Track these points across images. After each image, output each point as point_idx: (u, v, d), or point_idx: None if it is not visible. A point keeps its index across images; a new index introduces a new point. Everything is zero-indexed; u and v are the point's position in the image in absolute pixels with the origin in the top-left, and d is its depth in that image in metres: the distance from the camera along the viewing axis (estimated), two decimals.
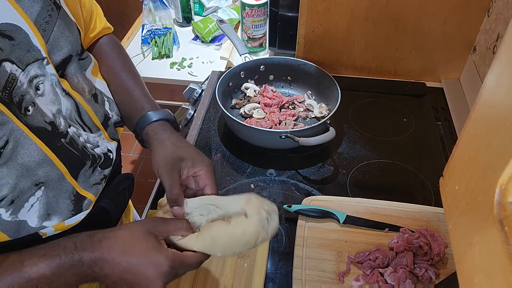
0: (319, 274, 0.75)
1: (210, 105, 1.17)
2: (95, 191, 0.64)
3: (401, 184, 0.96)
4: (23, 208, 0.54)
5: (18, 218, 0.53)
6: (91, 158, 0.63)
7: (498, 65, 0.44)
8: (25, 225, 0.54)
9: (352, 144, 1.05)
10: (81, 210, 0.62)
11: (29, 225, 0.55)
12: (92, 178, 0.64)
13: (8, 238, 0.53)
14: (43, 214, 0.56)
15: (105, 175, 0.67)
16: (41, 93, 0.55)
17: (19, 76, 0.52)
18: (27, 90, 0.53)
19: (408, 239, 0.77)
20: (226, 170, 0.99)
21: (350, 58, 1.23)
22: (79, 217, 0.62)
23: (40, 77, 0.55)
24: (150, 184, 1.43)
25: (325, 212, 0.84)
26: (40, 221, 0.56)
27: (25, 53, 0.53)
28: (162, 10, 1.54)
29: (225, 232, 0.60)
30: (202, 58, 1.48)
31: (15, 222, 0.53)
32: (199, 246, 0.59)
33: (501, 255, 0.32)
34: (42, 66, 0.56)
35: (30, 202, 0.54)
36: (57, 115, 0.58)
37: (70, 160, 0.59)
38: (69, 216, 0.60)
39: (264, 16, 1.33)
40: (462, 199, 0.47)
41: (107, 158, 0.67)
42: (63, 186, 0.59)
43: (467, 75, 1.17)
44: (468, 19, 1.08)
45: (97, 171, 0.65)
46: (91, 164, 0.63)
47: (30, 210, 0.55)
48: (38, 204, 0.55)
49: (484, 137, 0.45)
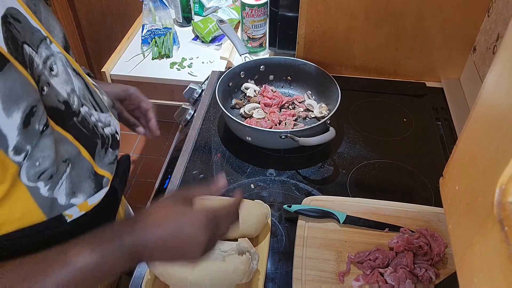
0: (319, 274, 0.75)
1: (210, 105, 1.17)
2: (111, 170, 0.67)
3: (401, 184, 0.96)
4: (57, 185, 0.55)
5: (52, 195, 0.55)
6: (101, 138, 0.65)
7: (498, 65, 0.45)
8: (56, 203, 0.56)
9: (352, 144, 1.05)
10: (101, 188, 0.64)
11: (59, 203, 0.56)
12: (106, 158, 0.66)
13: (44, 218, 0.54)
14: (69, 192, 0.58)
15: (116, 156, 0.70)
16: (55, 73, 0.57)
17: (35, 58, 0.53)
18: (43, 71, 0.54)
19: (408, 239, 0.77)
20: (226, 170, 0.99)
21: (350, 58, 1.23)
22: (100, 195, 0.63)
23: (51, 58, 0.57)
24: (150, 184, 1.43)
25: (325, 212, 0.84)
26: (68, 199, 0.57)
27: (32, 35, 0.54)
28: (162, 10, 1.54)
29: (219, 268, 0.69)
30: (202, 58, 1.48)
31: (50, 199, 0.55)
32: (193, 276, 0.67)
33: (501, 255, 0.32)
34: (48, 46, 0.57)
35: (62, 179, 0.56)
36: (71, 94, 0.59)
37: (83, 138, 0.60)
38: (92, 193, 0.62)
39: (264, 16, 1.33)
40: (462, 199, 0.47)
41: (115, 139, 0.70)
42: (83, 164, 0.60)
43: (467, 75, 1.17)
44: (468, 19, 1.08)
45: (109, 152, 0.67)
46: (102, 145, 0.65)
47: (61, 187, 0.56)
48: (66, 182, 0.57)
49: (484, 137, 0.45)
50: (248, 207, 0.79)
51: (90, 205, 0.62)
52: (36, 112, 0.50)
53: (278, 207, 0.90)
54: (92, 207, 0.62)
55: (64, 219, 0.58)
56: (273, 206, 0.90)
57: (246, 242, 0.73)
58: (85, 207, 0.61)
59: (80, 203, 0.60)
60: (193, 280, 0.68)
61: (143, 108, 0.83)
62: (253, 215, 0.78)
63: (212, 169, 1.00)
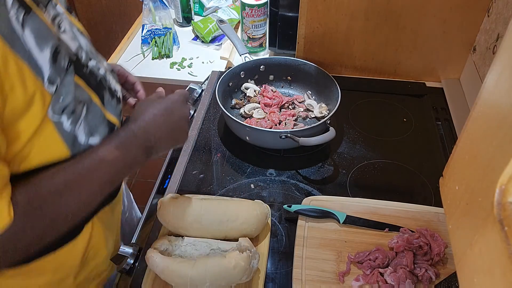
0: (319, 274, 0.75)
1: (210, 105, 1.17)
2: (118, 118, 0.72)
3: (401, 184, 0.96)
4: (78, 122, 0.61)
5: (74, 131, 0.60)
6: (108, 90, 0.70)
7: (498, 65, 0.45)
8: (77, 140, 0.61)
9: (352, 144, 1.05)
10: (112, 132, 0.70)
11: (80, 141, 0.62)
12: (117, 108, 0.72)
13: (68, 153, 0.60)
14: (88, 132, 0.63)
15: (120, 110, 0.75)
16: (63, 30, 0.62)
17: (45, 15, 0.58)
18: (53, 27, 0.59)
19: (408, 239, 0.77)
20: (226, 170, 0.99)
21: (350, 58, 1.23)
22: None
23: (58, 16, 0.61)
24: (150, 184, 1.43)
25: (325, 212, 0.84)
26: (87, 138, 0.63)
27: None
28: (162, 10, 1.54)
29: (219, 263, 0.69)
30: (202, 58, 1.48)
31: (73, 134, 0.60)
32: (194, 272, 0.68)
33: (501, 255, 0.32)
34: (54, 7, 0.61)
35: (81, 118, 0.61)
36: (79, 49, 0.64)
37: (93, 86, 0.66)
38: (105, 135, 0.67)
39: (264, 16, 1.33)
40: (462, 199, 0.47)
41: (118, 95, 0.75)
42: (96, 110, 0.65)
43: (467, 75, 1.17)
44: (468, 19, 1.08)
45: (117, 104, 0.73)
46: (110, 96, 0.70)
47: (81, 126, 0.61)
48: (84, 122, 0.62)
49: (484, 137, 0.45)
50: (248, 207, 0.79)
51: None
52: (60, 51, 0.56)
53: (278, 207, 0.90)
54: None
55: None
56: (273, 206, 0.90)
57: (246, 241, 0.73)
58: None
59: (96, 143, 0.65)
60: (194, 276, 0.68)
61: (130, 81, 0.88)
62: (253, 215, 0.78)
63: (212, 169, 1.00)
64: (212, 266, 0.69)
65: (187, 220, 0.77)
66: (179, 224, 0.78)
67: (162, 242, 0.75)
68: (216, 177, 0.97)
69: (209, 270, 0.69)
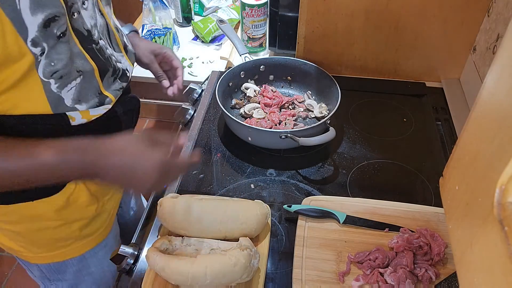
0: (319, 274, 0.75)
1: (210, 105, 1.17)
2: (115, 94, 0.77)
3: (401, 184, 0.96)
4: (66, 87, 0.66)
5: (60, 94, 0.66)
6: (113, 67, 0.76)
7: (498, 65, 0.45)
8: (63, 102, 0.67)
9: (352, 144, 1.05)
10: (103, 104, 0.74)
11: (65, 103, 0.67)
12: (113, 85, 0.77)
13: (50, 111, 0.66)
14: (76, 98, 0.68)
15: (123, 86, 0.80)
16: (85, 7, 0.68)
17: None
18: (76, 1, 0.66)
19: (408, 239, 0.77)
20: (226, 170, 0.99)
21: (350, 58, 1.23)
22: (100, 110, 0.74)
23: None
24: None
25: (325, 212, 0.84)
26: (73, 103, 0.68)
27: None
28: (162, 10, 1.54)
29: (220, 260, 0.69)
30: (202, 58, 1.48)
31: (58, 96, 0.65)
32: (194, 269, 0.68)
33: (501, 255, 0.32)
34: None
35: (71, 84, 0.67)
36: (93, 27, 0.71)
37: (98, 61, 0.71)
38: (94, 106, 0.72)
39: (264, 16, 1.33)
40: (462, 199, 0.47)
41: (124, 74, 0.80)
42: (93, 81, 0.71)
43: (467, 75, 1.17)
44: (468, 19, 1.08)
45: (117, 82, 0.78)
46: (112, 73, 0.76)
47: (69, 91, 0.67)
48: (75, 89, 0.68)
49: (484, 137, 0.45)
50: (248, 207, 0.79)
51: (91, 116, 0.73)
52: (57, 20, 0.60)
53: (278, 207, 0.90)
54: (93, 118, 0.73)
55: (68, 121, 0.70)
56: (273, 206, 0.90)
57: (247, 241, 0.73)
58: (86, 115, 0.72)
59: (82, 110, 0.70)
60: (194, 273, 0.68)
61: (174, 66, 0.98)
62: (253, 215, 0.78)
63: (212, 169, 1.00)
64: (212, 263, 0.69)
65: (187, 220, 0.77)
66: (179, 224, 0.78)
67: (162, 242, 0.75)
68: (216, 177, 0.97)
69: (210, 267, 0.68)
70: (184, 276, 0.69)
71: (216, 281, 0.69)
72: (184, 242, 0.76)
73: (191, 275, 0.68)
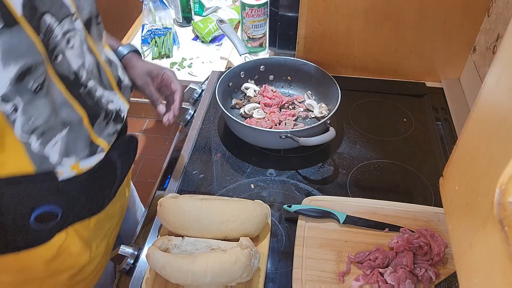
0: (319, 274, 0.75)
1: (210, 105, 1.17)
2: (108, 141, 0.73)
3: (401, 184, 0.96)
4: (50, 143, 0.61)
5: (44, 151, 0.61)
6: (104, 111, 0.71)
7: (498, 65, 0.45)
8: (48, 159, 0.62)
9: (352, 144, 1.05)
10: (94, 154, 0.70)
11: (51, 160, 0.62)
12: (106, 130, 0.72)
13: (32, 170, 0.61)
14: (63, 152, 0.64)
15: (117, 129, 0.75)
16: (71, 46, 0.63)
17: (56, 29, 0.59)
18: (60, 41, 0.60)
19: (408, 239, 0.77)
20: (226, 170, 0.99)
21: (350, 58, 1.23)
22: (92, 162, 0.69)
23: (71, 32, 0.62)
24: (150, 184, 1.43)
25: (325, 212, 0.84)
26: (60, 157, 0.64)
27: (59, 8, 0.59)
28: (162, 10, 1.54)
29: (220, 258, 0.69)
30: (202, 58, 1.48)
31: (41, 153, 0.61)
32: (194, 267, 0.68)
33: (501, 255, 0.32)
34: (71, 22, 0.62)
35: (56, 139, 0.62)
36: (81, 67, 0.65)
37: (86, 108, 0.66)
38: (84, 157, 0.68)
39: (264, 16, 1.33)
40: (462, 199, 0.47)
41: (118, 116, 0.76)
42: (81, 130, 0.66)
43: (467, 75, 1.17)
44: (468, 19, 1.08)
45: (111, 125, 0.73)
46: (104, 117, 0.71)
47: (54, 146, 0.62)
48: (61, 143, 0.63)
49: (484, 137, 0.45)
50: (248, 207, 0.79)
51: (82, 168, 0.68)
52: (34, 72, 0.55)
53: (278, 207, 0.90)
54: (83, 171, 0.68)
55: (56, 176, 0.64)
56: (273, 206, 0.90)
57: (247, 240, 0.73)
58: (76, 168, 0.67)
59: (71, 164, 0.66)
60: (194, 271, 0.68)
61: (172, 89, 0.87)
62: (253, 215, 0.78)
63: (212, 169, 1.00)
64: (213, 261, 0.69)
65: (187, 220, 0.77)
66: (179, 224, 0.78)
67: (162, 242, 0.75)
68: (216, 177, 0.97)
69: (210, 265, 0.68)
70: (184, 273, 0.68)
71: (216, 279, 0.69)
72: (184, 242, 0.76)
73: (191, 272, 0.68)
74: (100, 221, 0.80)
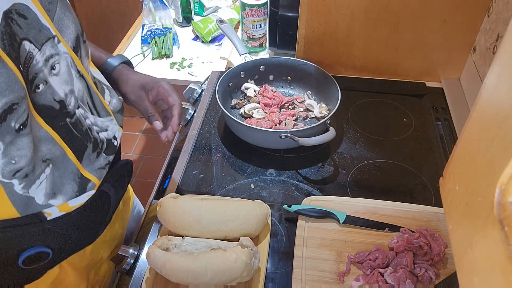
0: (319, 274, 0.75)
1: (210, 105, 1.17)
2: (99, 175, 0.67)
3: (401, 184, 0.96)
4: (34, 184, 0.56)
5: (28, 194, 0.55)
6: (93, 142, 0.64)
7: (498, 65, 0.45)
8: (33, 202, 0.57)
9: (352, 144, 1.05)
10: (84, 191, 0.64)
11: (37, 202, 0.57)
12: (97, 162, 0.66)
13: (17, 214, 0.55)
14: (49, 193, 0.58)
15: (109, 161, 0.70)
16: (56, 72, 0.57)
17: (36, 55, 0.54)
18: (42, 68, 0.55)
19: (408, 239, 0.77)
20: (226, 170, 0.99)
21: (350, 58, 1.23)
22: (83, 199, 0.64)
23: (55, 57, 0.57)
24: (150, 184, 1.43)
25: (325, 212, 0.84)
26: (47, 199, 0.58)
27: (38, 32, 0.54)
28: (162, 10, 1.54)
29: (221, 256, 0.69)
30: (202, 58, 1.48)
31: (25, 197, 0.55)
32: (195, 265, 0.68)
33: (501, 255, 0.32)
34: (54, 45, 0.57)
35: (40, 179, 0.56)
36: (69, 94, 0.59)
37: (72, 140, 0.60)
38: (73, 196, 0.62)
39: (264, 16, 1.33)
40: (462, 199, 0.47)
41: (111, 145, 0.70)
42: (68, 166, 0.61)
43: (467, 75, 1.17)
44: (468, 19, 1.08)
45: (102, 157, 0.68)
46: (93, 148, 0.65)
47: (39, 187, 0.57)
48: (46, 182, 0.57)
49: (484, 137, 0.45)
50: (248, 207, 0.79)
51: (71, 207, 0.63)
52: (16, 110, 0.49)
53: (278, 207, 0.90)
54: (73, 209, 0.63)
55: (44, 217, 0.59)
56: (273, 206, 0.90)
57: (248, 240, 0.73)
58: (65, 208, 0.62)
59: (59, 204, 0.60)
60: (195, 270, 0.68)
61: (170, 103, 0.81)
62: (253, 215, 0.78)
63: (212, 169, 1.00)
64: (213, 259, 0.69)
65: (187, 220, 0.77)
66: (179, 224, 0.78)
67: (162, 242, 0.75)
68: (216, 177, 0.97)
69: (210, 263, 0.68)
70: (185, 272, 0.68)
71: (216, 277, 0.68)
72: (184, 242, 0.76)
73: (191, 270, 0.68)
74: (97, 247, 0.78)
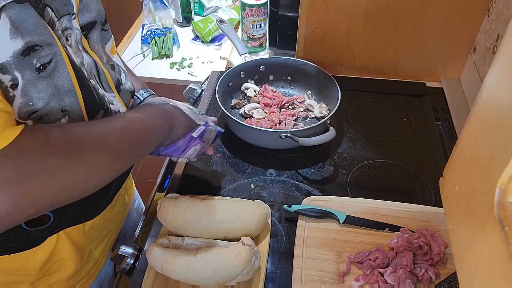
0: (319, 274, 0.75)
1: (210, 105, 1.17)
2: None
3: (401, 184, 0.96)
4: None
5: None
6: (105, 109, 0.67)
7: (498, 65, 0.45)
8: None
9: (352, 144, 1.05)
10: None
11: None
12: None
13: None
14: None
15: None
16: (69, 43, 0.62)
17: (56, 23, 0.58)
18: (61, 36, 0.59)
19: (408, 239, 0.77)
20: (226, 170, 0.99)
21: (350, 58, 1.23)
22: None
23: (69, 30, 0.61)
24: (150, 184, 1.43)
25: (325, 212, 0.84)
26: None
27: (62, 5, 0.59)
28: (162, 10, 1.54)
29: (222, 252, 0.70)
30: (202, 58, 1.48)
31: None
32: (196, 261, 0.68)
33: (501, 255, 0.32)
34: (70, 20, 0.61)
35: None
36: (81, 66, 0.63)
37: (90, 101, 0.63)
38: None
39: (264, 16, 1.33)
40: (462, 199, 0.47)
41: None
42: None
43: (467, 75, 1.17)
44: (468, 19, 1.08)
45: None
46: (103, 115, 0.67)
47: None
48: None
49: (484, 137, 0.45)
50: (248, 207, 0.79)
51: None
52: (39, 51, 0.53)
53: (278, 207, 0.90)
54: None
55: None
56: (273, 206, 0.90)
57: (248, 240, 0.74)
58: None
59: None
60: (196, 265, 0.68)
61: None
62: (253, 215, 0.78)
63: (212, 169, 1.00)
64: (214, 255, 0.69)
65: (187, 220, 0.77)
66: (179, 224, 0.78)
67: (162, 241, 0.75)
68: (216, 177, 0.97)
69: (212, 258, 0.69)
70: (186, 267, 0.69)
71: (217, 273, 0.68)
72: (184, 242, 0.76)
73: (192, 266, 0.68)
74: (96, 225, 0.79)
